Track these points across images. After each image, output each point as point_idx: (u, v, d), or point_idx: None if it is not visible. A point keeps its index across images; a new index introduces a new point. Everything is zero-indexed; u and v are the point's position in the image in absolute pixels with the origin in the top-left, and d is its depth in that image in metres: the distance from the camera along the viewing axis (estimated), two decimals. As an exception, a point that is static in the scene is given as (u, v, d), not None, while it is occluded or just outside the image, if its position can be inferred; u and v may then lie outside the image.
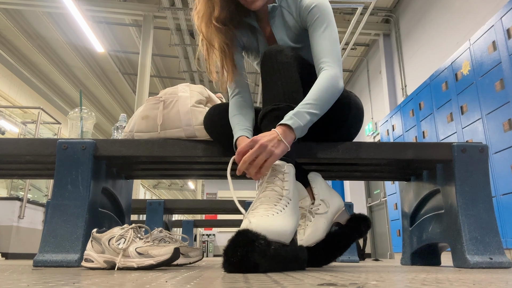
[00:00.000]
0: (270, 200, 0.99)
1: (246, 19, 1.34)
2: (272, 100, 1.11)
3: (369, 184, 7.60)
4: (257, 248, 0.87)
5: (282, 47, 1.17)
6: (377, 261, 3.30)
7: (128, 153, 1.42)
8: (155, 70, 8.74)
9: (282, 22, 1.30)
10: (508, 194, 2.77)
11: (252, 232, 0.90)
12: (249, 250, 0.87)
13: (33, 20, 7.25)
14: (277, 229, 0.94)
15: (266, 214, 0.96)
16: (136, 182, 6.47)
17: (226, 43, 1.27)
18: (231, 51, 1.30)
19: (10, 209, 4.17)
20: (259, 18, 1.35)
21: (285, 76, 1.12)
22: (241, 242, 0.88)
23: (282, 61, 1.13)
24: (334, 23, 1.24)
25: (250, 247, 0.87)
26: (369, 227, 1.35)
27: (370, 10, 5.92)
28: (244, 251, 0.87)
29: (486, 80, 3.04)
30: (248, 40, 1.38)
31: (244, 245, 0.87)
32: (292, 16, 1.29)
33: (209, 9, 1.24)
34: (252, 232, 0.90)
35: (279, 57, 1.14)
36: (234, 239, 0.90)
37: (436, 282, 0.64)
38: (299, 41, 1.31)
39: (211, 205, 3.29)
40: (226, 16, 1.25)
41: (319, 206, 1.25)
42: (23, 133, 5.53)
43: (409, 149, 1.40)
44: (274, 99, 1.11)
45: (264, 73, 1.16)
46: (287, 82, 1.12)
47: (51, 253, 1.25)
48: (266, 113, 1.11)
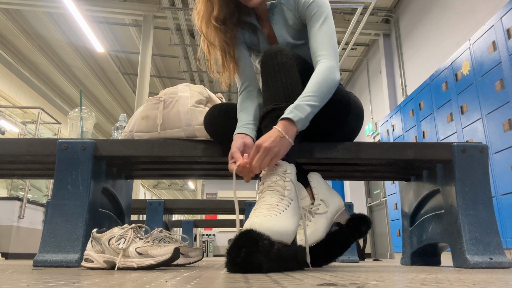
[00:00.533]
0: (273, 200, 0.99)
1: (246, 17, 1.34)
2: (272, 100, 1.11)
3: (369, 184, 7.60)
4: (261, 248, 0.87)
5: (281, 47, 1.17)
6: (377, 261, 3.30)
7: (128, 153, 1.42)
8: (155, 70, 8.74)
9: (282, 19, 1.31)
10: (508, 194, 2.77)
11: (256, 232, 0.89)
12: (253, 251, 0.86)
13: (33, 20, 7.25)
14: (280, 229, 0.93)
15: (269, 214, 0.95)
16: (136, 182, 6.47)
17: (226, 42, 1.28)
18: (232, 50, 1.31)
19: (10, 209, 4.17)
20: (259, 16, 1.35)
21: (285, 76, 1.12)
22: (245, 242, 0.87)
23: (282, 61, 1.13)
24: (331, 16, 1.25)
25: (254, 247, 0.86)
26: (369, 227, 1.34)
27: (370, 10, 5.92)
28: (248, 251, 0.86)
29: (486, 80, 3.04)
30: (249, 39, 1.39)
31: (248, 245, 0.87)
32: (292, 12, 1.29)
33: (208, 9, 1.25)
34: (256, 232, 0.89)
35: (279, 57, 1.14)
36: (237, 239, 0.89)
37: (436, 282, 0.64)
38: (300, 37, 1.31)
39: (211, 205, 3.29)
40: (225, 15, 1.26)
41: (319, 206, 1.25)
42: (23, 133, 5.53)
43: (409, 149, 1.40)
44: (274, 99, 1.11)
45: (264, 73, 1.16)
46: (287, 82, 1.12)
47: (51, 253, 1.25)
48: (267, 113, 1.11)
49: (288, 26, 1.31)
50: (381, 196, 6.84)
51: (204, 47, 1.31)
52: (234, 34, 1.32)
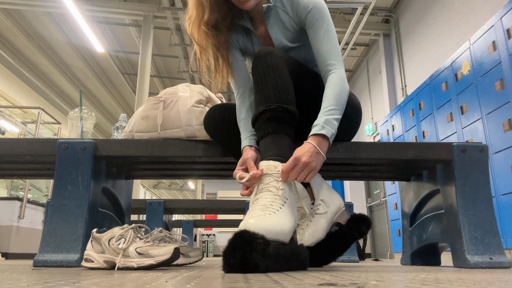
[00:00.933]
0: (267, 200, 0.99)
1: (240, 21, 1.33)
2: (263, 102, 1.11)
3: (369, 184, 7.60)
4: (255, 248, 0.87)
5: (271, 49, 1.17)
6: (377, 261, 3.30)
7: (128, 153, 1.42)
8: (155, 70, 8.74)
9: (278, 22, 1.30)
10: (508, 194, 2.77)
11: (250, 232, 0.90)
12: (247, 251, 0.87)
13: (33, 20, 7.26)
14: (275, 228, 0.94)
15: (263, 214, 0.96)
16: (136, 182, 6.47)
17: (217, 47, 1.27)
18: (225, 54, 1.30)
19: (10, 209, 4.17)
20: (253, 19, 1.34)
21: (276, 77, 1.12)
22: (239, 243, 0.88)
23: (272, 62, 1.14)
24: (331, 22, 1.26)
25: (248, 247, 0.87)
26: (370, 227, 1.35)
27: (370, 10, 5.92)
28: (243, 252, 0.87)
29: (486, 80, 3.04)
30: (243, 43, 1.37)
31: (242, 246, 0.87)
32: (289, 15, 1.28)
33: (200, 13, 1.24)
34: (249, 232, 0.90)
35: (269, 59, 1.14)
36: (232, 241, 0.90)
37: (436, 282, 0.64)
38: (296, 40, 1.31)
39: (211, 205, 3.29)
40: (217, 19, 1.25)
41: (319, 206, 1.25)
42: (23, 133, 5.53)
43: (409, 149, 1.40)
44: (265, 100, 1.11)
45: (255, 75, 1.16)
46: (278, 83, 1.12)
47: (51, 253, 1.25)
48: (259, 115, 1.11)
49: (284, 29, 1.30)
50: (381, 196, 6.84)
51: (197, 53, 1.30)
52: (227, 38, 1.31)
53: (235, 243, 0.89)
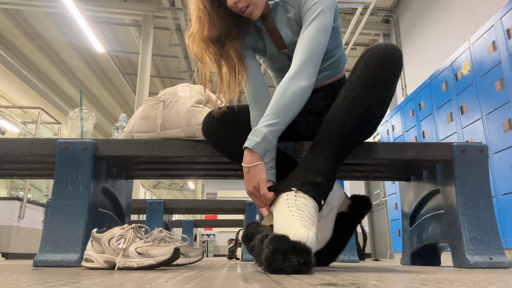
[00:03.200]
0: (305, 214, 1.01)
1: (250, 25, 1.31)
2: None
3: (369, 184, 7.60)
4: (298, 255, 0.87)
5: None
6: (377, 261, 3.30)
7: (128, 153, 1.42)
8: (155, 70, 8.74)
9: (286, 17, 1.28)
10: (508, 194, 2.76)
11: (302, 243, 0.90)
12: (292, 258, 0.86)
13: (33, 20, 7.25)
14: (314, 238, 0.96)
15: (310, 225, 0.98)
16: (136, 182, 6.46)
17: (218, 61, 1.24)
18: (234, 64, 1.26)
19: (10, 209, 4.18)
20: (263, 16, 1.32)
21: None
22: (288, 249, 0.87)
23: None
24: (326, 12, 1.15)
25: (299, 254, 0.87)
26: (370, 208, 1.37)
27: (370, 10, 5.92)
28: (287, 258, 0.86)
29: (486, 80, 3.04)
30: (255, 41, 1.35)
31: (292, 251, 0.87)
32: (295, 10, 1.26)
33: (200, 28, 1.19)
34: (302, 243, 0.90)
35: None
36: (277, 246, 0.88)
37: (436, 282, 0.64)
38: None
39: (211, 205, 3.29)
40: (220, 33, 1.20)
41: (323, 208, 1.25)
42: (23, 133, 5.53)
43: (409, 149, 1.40)
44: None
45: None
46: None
47: (51, 253, 1.25)
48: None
49: (292, 24, 1.27)
50: (381, 196, 6.84)
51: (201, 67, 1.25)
52: (234, 48, 1.26)
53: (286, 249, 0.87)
